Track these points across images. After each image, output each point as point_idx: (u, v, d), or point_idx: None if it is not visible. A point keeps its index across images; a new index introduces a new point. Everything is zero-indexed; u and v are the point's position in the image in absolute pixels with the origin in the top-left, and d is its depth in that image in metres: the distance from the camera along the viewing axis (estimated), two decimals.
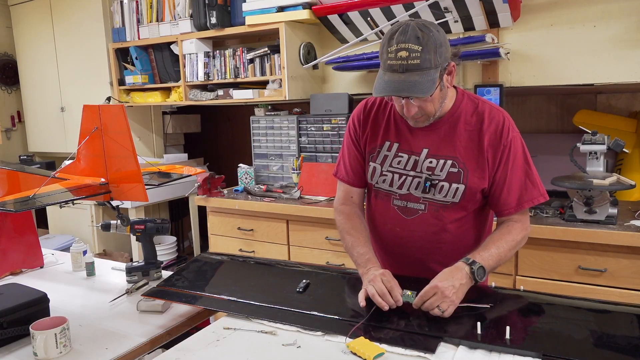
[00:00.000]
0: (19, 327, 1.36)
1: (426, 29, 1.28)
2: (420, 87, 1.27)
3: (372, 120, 1.53)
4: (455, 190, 1.42)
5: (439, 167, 1.43)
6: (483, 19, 2.56)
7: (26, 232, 1.94)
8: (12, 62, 4.56)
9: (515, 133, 1.43)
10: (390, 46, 1.30)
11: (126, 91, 3.89)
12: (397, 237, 1.52)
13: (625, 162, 3.00)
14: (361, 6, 2.72)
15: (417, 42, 1.26)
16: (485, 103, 1.46)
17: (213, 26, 3.25)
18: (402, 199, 1.49)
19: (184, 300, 1.51)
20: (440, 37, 1.30)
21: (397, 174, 1.48)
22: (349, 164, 1.59)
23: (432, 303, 1.26)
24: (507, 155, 1.41)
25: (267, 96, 3.14)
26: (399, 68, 1.28)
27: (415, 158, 1.46)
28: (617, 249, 2.06)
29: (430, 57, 1.27)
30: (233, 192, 3.18)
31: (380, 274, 1.35)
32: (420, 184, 1.45)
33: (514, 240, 1.41)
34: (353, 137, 1.58)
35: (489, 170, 1.42)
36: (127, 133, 1.47)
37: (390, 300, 1.29)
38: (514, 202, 1.43)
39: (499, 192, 1.43)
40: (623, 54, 2.38)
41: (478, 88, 2.68)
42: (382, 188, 1.52)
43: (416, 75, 1.27)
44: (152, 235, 1.83)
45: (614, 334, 1.19)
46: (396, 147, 1.49)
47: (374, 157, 1.52)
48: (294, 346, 1.22)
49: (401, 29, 1.29)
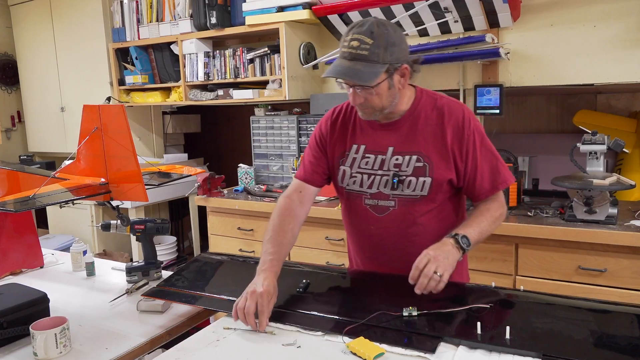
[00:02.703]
0: (19, 327, 1.36)
1: (383, 27, 1.36)
2: (362, 76, 1.34)
3: (339, 126, 1.59)
4: (423, 184, 1.47)
5: (405, 163, 1.49)
6: (483, 19, 2.56)
7: (26, 232, 1.94)
8: (12, 62, 4.56)
9: (476, 122, 1.50)
10: (347, 36, 1.38)
11: (126, 91, 3.89)
12: (372, 234, 1.56)
13: (625, 162, 3.00)
14: (361, 6, 2.72)
15: (369, 36, 1.34)
16: (443, 98, 1.52)
17: (213, 26, 3.25)
18: (372, 197, 1.53)
19: (184, 300, 1.51)
20: (395, 37, 1.37)
21: (365, 174, 1.53)
22: (308, 164, 1.63)
23: (430, 269, 1.29)
24: (473, 145, 1.47)
25: (267, 96, 3.14)
26: (348, 55, 1.36)
27: (382, 157, 1.51)
28: (617, 249, 2.06)
29: (379, 51, 1.34)
30: (233, 192, 3.18)
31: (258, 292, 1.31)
32: (389, 182, 1.50)
33: (492, 216, 1.48)
34: (319, 141, 1.62)
35: (457, 162, 1.47)
36: (127, 133, 1.47)
37: (251, 323, 1.28)
38: (488, 186, 1.50)
39: (472, 179, 1.49)
40: (623, 54, 2.38)
41: (478, 88, 2.68)
42: (353, 189, 1.56)
43: (361, 65, 1.34)
44: (152, 235, 1.82)
45: (614, 334, 1.19)
46: (363, 149, 1.54)
47: (344, 160, 1.57)
48: (294, 346, 1.22)
49: (361, 22, 1.37)
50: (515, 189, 2.43)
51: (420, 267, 1.30)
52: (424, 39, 2.81)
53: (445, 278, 1.30)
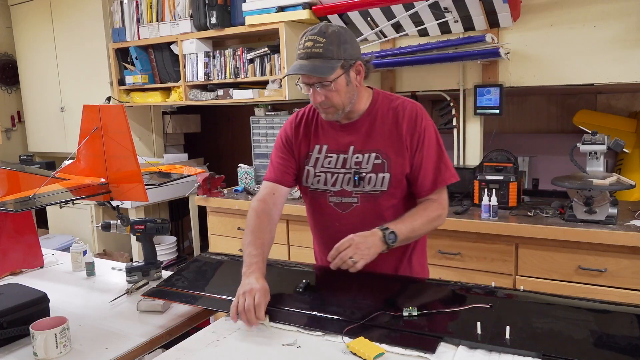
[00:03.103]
0: (19, 327, 1.36)
1: (334, 27, 1.45)
2: (318, 69, 1.42)
3: (303, 128, 1.66)
4: (382, 179, 1.54)
5: (365, 160, 1.56)
6: (483, 19, 2.56)
7: (26, 232, 1.94)
8: (12, 62, 4.56)
9: (428, 122, 1.56)
10: (302, 39, 1.46)
11: (126, 91, 3.89)
12: (337, 231, 1.58)
13: (625, 162, 3.01)
14: (361, 6, 2.72)
15: (322, 35, 1.43)
16: (398, 99, 1.60)
17: (213, 26, 3.25)
18: (336, 195, 1.60)
19: (184, 300, 1.51)
20: (347, 36, 1.46)
21: (329, 173, 1.60)
22: (278, 165, 1.67)
23: (347, 253, 1.36)
24: (422, 141, 1.54)
25: (267, 96, 3.14)
26: (304, 55, 1.45)
27: (344, 156, 1.58)
28: (617, 249, 2.06)
29: (333, 48, 1.43)
30: (233, 192, 3.18)
31: (255, 288, 1.32)
32: (351, 179, 1.56)
33: (428, 217, 1.53)
34: (285, 143, 1.67)
35: (409, 155, 1.54)
36: (127, 133, 1.47)
37: (252, 320, 1.28)
38: (429, 184, 1.55)
39: (416, 175, 1.55)
40: (623, 54, 2.38)
41: (478, 88, 2.68)
42: (317, 188, 1.62)
43: (317, 61, 1.43)
44: (152, 235, 1.82)
45: (614, 334, 1.19)
46: (325, 149, 1.61)
47: (308, 160, 1.63)
48: (294, 346, 1.22)
49: (314, 26, 1.46)
50: (515, 189, 2.43)
51: (340, 249, 1.38)
52: (424, 39, 2.81)
53: (359, 266, 1.36)
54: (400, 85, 2.99)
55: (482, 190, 2.42)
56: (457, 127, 2.81)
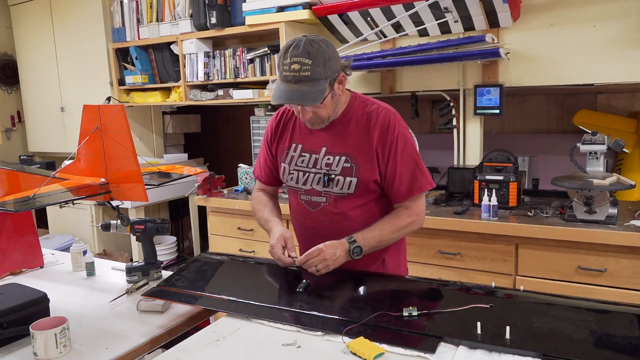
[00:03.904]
0: (19, 327, 1.36)
1: (316, 44, 1.45)
2: (311, 96, 1.45)
3: (282, 126, 1.72)
4: (350, 183, 1.58)
5: (335, 162, 1.60)
6: (483, 19, 2.56)
7: (26, 232, 1.94)
8: (12, 62, 4.56)
9: (401, 129, 1.59)
10: (285, 59, 1.45)
11: (126, 91, 3.89)
12: (307, 227, 1.69)
13: (625, 162, 3.01)
14: (361, 6, 2.72)
15: (307, 57, 1.43)
16: (374, 104, 1.62)
17: (213, 26, 3.25)
18: (307, 193, 1.66)
19: (184, 300, 1.51)
20: (329, 51, 1.48)
21: (301, 171, 1.66)
22: (263, 165, 1.82)
23: (313, 262, 1.49)
24: (395, 149, 1.56)
25: (267, 96, 3.14)
26: (292, 79, 1.45)
27: (316, 157, 1.63)
28: (617, 249, 2.06)
29: (320, 69, 1.44)
30: (233, 192, 3.18)
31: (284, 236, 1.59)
32: (321, 179, 1.62)
33: (398, 225, 1.58)
34: (268, 142, 1.77)
35: (380, 164, 1.57)
36: (127, 133, 1.47)
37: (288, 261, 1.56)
38: (405, 190, 1.59)
39: (391, 182, 1.59)
40: (623, 54, 2.38)
41: (478, 88, 2.68)
42: (290, 185, 1.70)
43: (307, 86, 1.44)
44: (152, 235, 1.82)
45: (614, 334, 1.19)
46: (300, 148, 1.67)
47: (284, 158, 1.70)
48: (294, 346, 1.22)
49: (294, 44, 1.45)
50: (515, 189, 2.43)
51: (309, 257, 1.49)
52: (424, 39, 2.81)
53: (320, 273, 1.50)
54: (400, 85, 2.99)
55: (482, 190, 2.43)
56: (457, 127, 2.81)
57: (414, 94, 2.95)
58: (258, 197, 1.85)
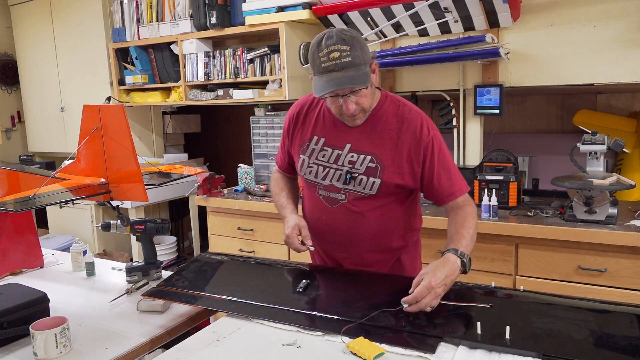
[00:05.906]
0: (19, 327, 1.36)
1: (348, 32, 1.42)
2: (358, 79, 1.40)
3: (304, 117, 1.68)
4: (372, 184, 1.54)
5: (359, 161, 1.55)
6: (483, 19, 2.56)
7: (26, 232, 1.94)
8: (12, 62, 4.56)
9: (434, 131, 1.56)
10: (321, 51, 1.41)
11: (126, 91, 3.89)
12: (323, 224, 1.64)
13: (625, 162, 3.01)
14: (361, 6, 2.72)
15: (344, 43, 1.39)
16: (405, 105, 1.58)
17: (213, 26, 3.25)
18: (325, 189, 1.62)
19: (184, 300, 1.51)
20: (360, 38, 1.44)
21: (321, 166, 1.61)
22: (282, 154, 1.80)
23: (427, 303, 1.26)
24: (431, 151, 1.53)
25: (267, 96, 3.14)
26: (334, 67, 1.39)
27: (338, 152, 1.58)
28: (617, 249, 2.06)
29: (358, 54, 1.40)
30: (233, 192, 3.18)
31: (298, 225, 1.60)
32: (342, 176, 1.57)
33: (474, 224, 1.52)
34: (287, 132, 1.73)
35: (415, 166, 1.54)
36: (127, 133, 1.47)
37: (302, 249, 1.58)
38: (449, 190, 1.55)
39: (431, 184, 1.55)
40: (623, 54, 2.38)
41: (478, 88, 2.68)
42: (308, 179, 1.65)
43: (351, 71, 1.39)
44: (152, 235, 1.82)
45: (614, 334, 1.19)
46: (322, 142, 1.62)
47: (304, 150, 1.65)
48: (294, 346, 1.22)
49: (326, 35, 1.41)
50: (515, 189, 2.43)
51: (418, 298, 1.26)
52: (424, 39, 2.80)
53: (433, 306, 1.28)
54: (400, 85, 2.99)
55: (482, 190, 2.43)
56: (457, 127, 2.81)
57: (414, 94, 2.95)
58: (277, 178, 1.84)
